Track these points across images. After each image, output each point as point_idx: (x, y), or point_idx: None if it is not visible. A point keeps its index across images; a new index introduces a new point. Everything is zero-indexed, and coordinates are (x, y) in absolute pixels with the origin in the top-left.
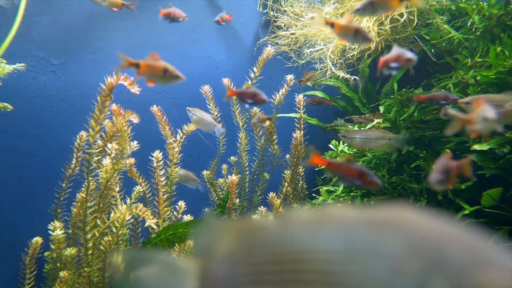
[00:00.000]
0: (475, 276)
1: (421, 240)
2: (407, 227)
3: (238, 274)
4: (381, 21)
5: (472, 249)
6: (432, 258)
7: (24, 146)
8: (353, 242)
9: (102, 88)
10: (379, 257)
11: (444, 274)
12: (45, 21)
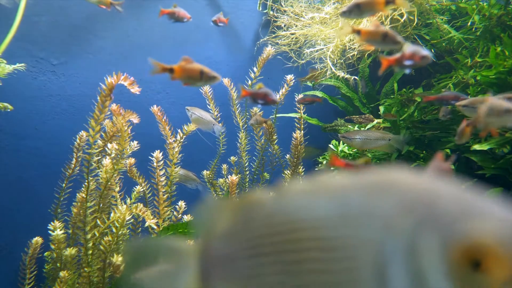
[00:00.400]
0: (465, 226)
1: (411, 197)
2: (397, 187)
3: (236, 250)
4: (381, 21)
5: (463, 202)
6: (423, 213)
7: (24, 146)
8: (345, 206)
9: (102, 88)
10: (371, 218)
11: (434, 227)
12: (45, 21)
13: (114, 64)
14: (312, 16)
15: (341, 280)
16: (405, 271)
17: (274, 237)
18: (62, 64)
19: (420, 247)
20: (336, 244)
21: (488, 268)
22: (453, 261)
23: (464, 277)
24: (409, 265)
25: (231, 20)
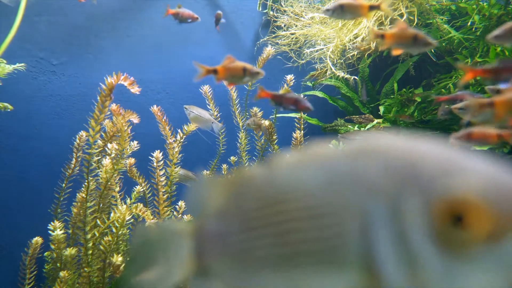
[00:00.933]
0: (446, 183)
1: (394, 160)
2: (381, 151)
3: (228, 226)
4: (381, 21)
5: (446, 160)
6: (405, 174)
7: (24, 146)
8: (331, 173)
9: (102, 88)
10: (355, 183)
11: (416, 187)
12: (45, 21)
13: (114, 64)
14: (312, 16)
15: (328, 247)
16: (389, 233)
17: (264, 210)
18: (62, 64)
19: (403, 208)
20: (322, 212)
21: (470, 223)
22: (434, 218)
23: (446, 234)
24: (393, 227)
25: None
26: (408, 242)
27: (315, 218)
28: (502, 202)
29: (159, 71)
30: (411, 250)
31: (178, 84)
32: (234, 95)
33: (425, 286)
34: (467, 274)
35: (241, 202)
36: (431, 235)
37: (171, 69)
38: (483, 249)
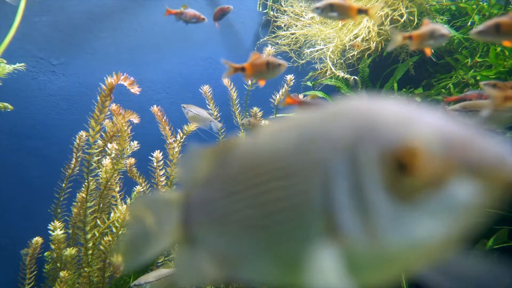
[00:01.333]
0: (395, 133)
1: (354, 117)
2: (346, 111)
3: (213, 192)
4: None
5: (399, 114)
6: (362, 129)
7: (24, 146)
8: (301, 135)
9: (102, 88)
10: (321, 141)
11: (371, 139)
12: (45, 21)
13: (114, 64)
14: (312, 16)
15: (296, 203)
16: (347, 185)
17: (244, 174)
18: (62, 64)
19: (359, 160)
20: (291, 171)
21: (415, 170)
22: (384, 167)
23: (395, 182)
24: (351, 179)
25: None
26: (363, 191)
27: (285, 178)
28: (445, 149)
29: (159, 71)
30: (365, 199)
31: (178, 84)
32: (234, 95)
33: (378, 233)
34: (415, 219)
35: (225, 169)
36: (382, 183)
37: (171, 69)
38: (429, 195)
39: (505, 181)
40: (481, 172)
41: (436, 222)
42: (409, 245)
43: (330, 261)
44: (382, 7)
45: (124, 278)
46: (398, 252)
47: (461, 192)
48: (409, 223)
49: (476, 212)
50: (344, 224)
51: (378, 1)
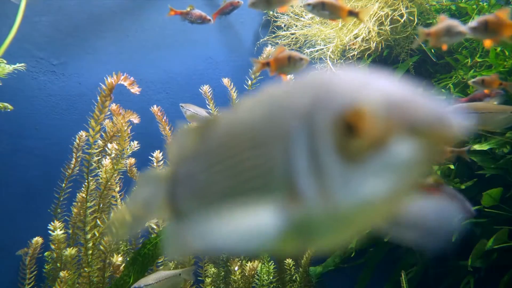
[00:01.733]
0: (345, 97)
1: (315, 86)
2: (309, 82)
3: (195, 167)
4: (381, 21)
5: (354, 80)
6: (320, 96)
7: (24, 146)
8: (270, 106)
9: (102, 88)
10: (285, 111)
11: (325, 105)
12: (45, 21)
13: (114, 64)
14: (312, 16)
15: (265, 170)
16: (305, 149)
17: (221, 147)
18: (62, 64)
19: (315, 126)
20: (261, 140)
21: (361, 131)
22: (335, 130)
23: (344, 144)
24: (308, 145)
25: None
26: (318, 155)
27: (255, 147)
28: (387, 111)
29: (159, 71)
30: (320, 162)
31: (178, 84)
32: (234, 95)
33: (331, 194)
34: (363, 179)
35: (206, 144)
36: (334, 146)
37: (171, 69)
38: (374, 155)
39: (443, 138)
40: (421, 131)
41: (382, 181)
42: (359, 204)
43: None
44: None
45: (124, 278)
46: (350, 212)
47: (402, 150)
48: (357, 183)
49: (419, 169)
50: (302, 188)
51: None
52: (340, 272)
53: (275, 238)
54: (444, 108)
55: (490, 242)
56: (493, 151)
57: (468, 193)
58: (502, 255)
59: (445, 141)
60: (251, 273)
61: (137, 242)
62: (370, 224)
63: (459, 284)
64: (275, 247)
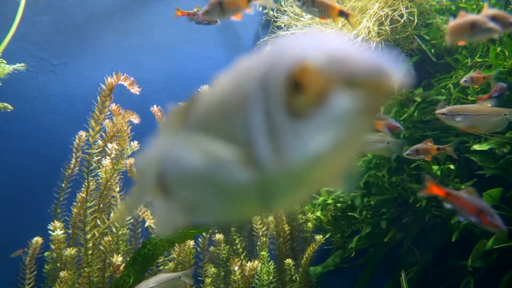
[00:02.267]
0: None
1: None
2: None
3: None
4: (381, 21)
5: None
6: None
7: (24, 146)
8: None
9: (102, 88)
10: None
11: (278, 66)
12: (45, 21)
13: (114, 64)
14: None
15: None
16: (260, 109)
17: (199, 121)
18: (62, 64)
19: (269, 88)
20: (229, 110)
21: (306, 87)
22: (284, 89)
23: (293, 101)
24: (264, 107)
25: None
26: (271, 115)
27: (224, 118)
28: (328, 65)
29: (159, 71)
30: (272, 122)
31: (178, 84)
32: None
33: (283, 153)
34: (309, 135)
35: (187, 122)
36: (283, 104)
37: (171, 69)
38: (318, 110)
39: (381, 88)
40: (359, 82)
41: (327, 134)
42: (309, 160)
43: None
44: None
45: (124, 278)
46: (302, 168)
47: (343, 102)
48: (306, 139)
49: (362, 121)
50: (259, 149)
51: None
52: (340, 272)
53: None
54: (381, 59)
55: (490, 242)
56: (493, 151)
57: None
58: (502, 255)
59: (383, 91)
60: (251, 273)
61: (137, 242)
62: (324, 181)
63: (459, 284)
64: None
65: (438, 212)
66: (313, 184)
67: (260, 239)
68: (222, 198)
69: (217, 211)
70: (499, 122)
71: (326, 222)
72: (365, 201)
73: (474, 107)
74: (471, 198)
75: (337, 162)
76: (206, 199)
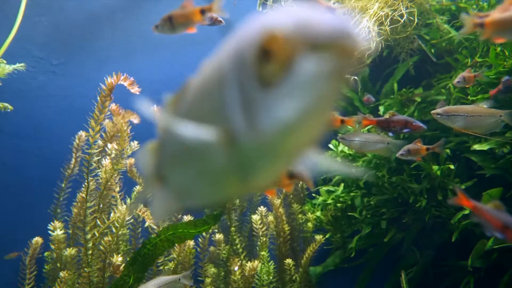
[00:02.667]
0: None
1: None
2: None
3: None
4: (381, 21)
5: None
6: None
7: (24, 146)
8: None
9: (102, 88)
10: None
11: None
12: (45, 21)
13: (114, 64)
14: None
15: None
16: (236, 86)
17: (185, 107)
18: (62, 64)
19: (242, 61)
20: (209, 88)
21: (273, 54)
22: (254, 59)
23: (263, 70)
24: (238, 80)
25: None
26: (243, 85)
27: (206, 98)
28: (293, 31)
29: (159, 71)
30: (245, 93)
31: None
32: None
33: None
34: (280, 103)
35: (179, 108)
36: (254, 74)
37: (171, 69)
38: (286, 76)
39: (345, 49)
40: (322, 44)
41: (296, 101)
42: (281, 128)
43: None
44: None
45: (124, 278)
46: (275, 138)
47: (310, 66)
48: (276, 107)
49: (329, 85)
50: (234, 122)
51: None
52: (340, 272)
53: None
54: (344, 22)
55: (490, 242)
56: (493, 151)
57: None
58: (502, 255)
59: (347, 52)
60: (251, 273)
61: (137, 242)
62: (298, 150)
63: (459, 284)
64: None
65: (438, 212)
66: (287, 154)
67: (260, 239)
68: (206, 179)
69: (203, 192)
70: (494, 124)
71: (326, 222)
72: (365, 201)
73: (470, 108)
74: (497, 212)
75: (308, 130)
76: (193, 182)
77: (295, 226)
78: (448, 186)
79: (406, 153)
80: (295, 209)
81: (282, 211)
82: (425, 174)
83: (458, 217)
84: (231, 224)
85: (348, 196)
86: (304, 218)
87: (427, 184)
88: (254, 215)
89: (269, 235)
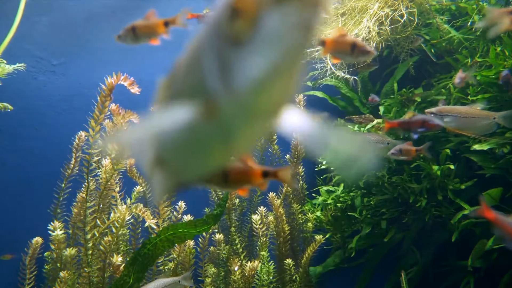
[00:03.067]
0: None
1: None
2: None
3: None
4: (381, 21)
5: None
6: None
7: (24, 146)
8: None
9: (102, 88)
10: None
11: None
12: (45, 21)
13: (114, 64)
14: None
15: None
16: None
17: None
18: (62, 64)
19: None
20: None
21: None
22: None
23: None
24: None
25: None
26: (219, 49)
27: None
28: None
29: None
30: (220, 55)
31: None
32: None
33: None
34: (250, 59)
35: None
36: (227, 35)
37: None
38: (255, 31)
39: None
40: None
41: (265, 55)
42: (254, 84)
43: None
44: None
45: (124, 278)
46: (249, 96)
47: (277, 19)
48: (248, 64)
49: (297, 37)
50: (214, 90)
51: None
52: (340, 272)
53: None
54: None
55: (490, 242)
56: (493, 151)
57: (468, 193)
58: (502, 255)
59: (311, 3)
60: (251, 273)
61: (137, 242)
62: (275, 108)
63: (459, 284)
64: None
65: (438, 212)
66: (264, 112)
67: (260, 239)
68: (197, 152)
69: (195, 165)
70: (488, 125)
71: (326, 222)
72: (365, 201)
73: (464, 109)
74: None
75: (281, 85)
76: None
77: (295, 226)
78: (448, 186)
79: (398, 152)
80: (295, 209)
81: (282, 211)
82: (425, 174)
83: (458, 217)
84: (231, 224)
85: (348, 196)
86: (304, 218)
87: (427, 184)
88: (254, 215)
89: (269, 235)
